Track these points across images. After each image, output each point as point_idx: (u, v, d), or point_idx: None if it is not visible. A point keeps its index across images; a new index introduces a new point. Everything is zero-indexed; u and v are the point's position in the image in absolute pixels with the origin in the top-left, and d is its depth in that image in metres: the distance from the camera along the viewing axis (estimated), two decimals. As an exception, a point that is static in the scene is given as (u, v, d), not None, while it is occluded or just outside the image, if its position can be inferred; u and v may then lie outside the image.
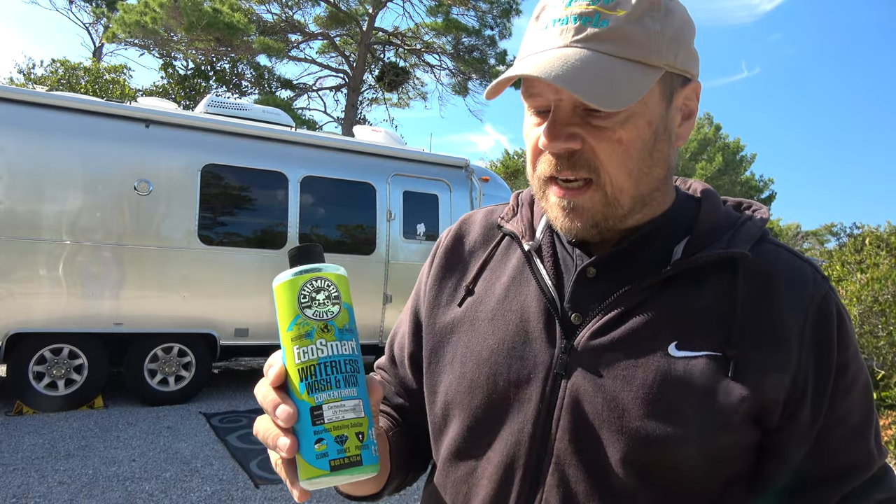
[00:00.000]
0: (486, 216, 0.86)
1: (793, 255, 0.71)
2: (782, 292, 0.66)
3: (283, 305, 0.57)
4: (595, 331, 0.67)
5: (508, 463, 0.69)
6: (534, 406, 0.68)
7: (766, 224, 0.72)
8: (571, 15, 0.63)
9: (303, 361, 0.54)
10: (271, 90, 18.24)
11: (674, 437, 0.62)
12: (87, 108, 5.47)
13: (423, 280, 0.86)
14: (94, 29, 21.89)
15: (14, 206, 5.04)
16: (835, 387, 0.65)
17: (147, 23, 13.64)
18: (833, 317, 0.66)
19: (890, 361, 5.89)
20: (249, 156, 6.06)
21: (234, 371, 7.67)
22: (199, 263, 5.74)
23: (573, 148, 0.64)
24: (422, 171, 7.00)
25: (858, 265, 6.24)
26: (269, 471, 4.09)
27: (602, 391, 0.65)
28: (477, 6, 16.97)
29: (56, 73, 16.18)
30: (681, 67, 0.66)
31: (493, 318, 0.74)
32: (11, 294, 5.06)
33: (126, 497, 3.54)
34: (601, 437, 0.65)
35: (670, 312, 0.66)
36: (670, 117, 0.68)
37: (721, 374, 0.63)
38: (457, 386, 0.74)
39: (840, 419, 0.65)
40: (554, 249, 0.75)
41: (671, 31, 0.65)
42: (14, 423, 4.82)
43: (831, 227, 39.09)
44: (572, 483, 0.65)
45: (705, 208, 0.72)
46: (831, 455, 0.66)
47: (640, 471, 0.63)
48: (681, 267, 0.67)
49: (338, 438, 0.53)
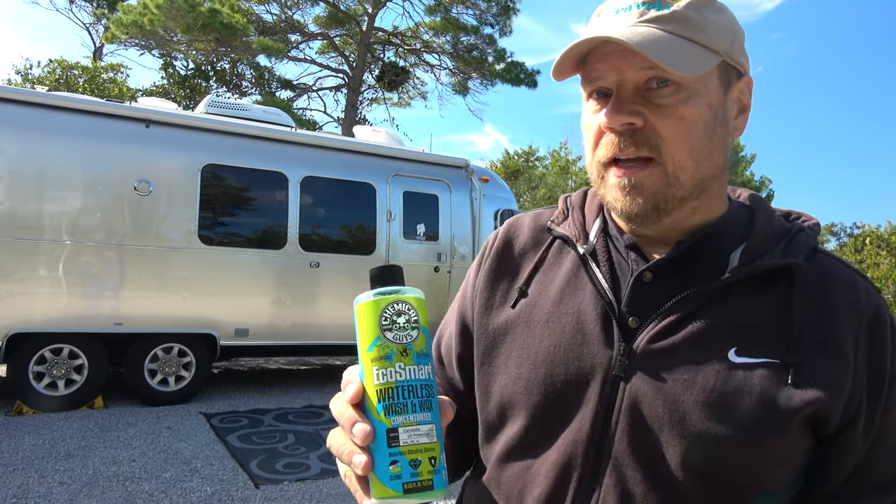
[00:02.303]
0: (533, 219, 0.86)
1: (845, 266, 0.72)
2: (838, 303, 0.67)
3: (364, 325, 0.58)
4: (654, 335, 0.68)
5: (566, 462, 0.69)
6: (592, 407, 0.69)
7: (818, 234, 0.73)
8: (636, 2, 0.66)
9: (381, 383, 0.56)
10: (271, 90, 18.24)
11: (733, 440, 0.63)
12: (88, 108, 5.48)
13: (470, 282, 0.86)
14: (95, 29, 21.90)
15: (14, 206, 5.05)
16: (889, 395, 0.65)
17: (145, 24, 13.64)
18: (886, 327, 0.67)
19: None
20: (249, 156, 6.07)
21: (234, 371, 7.67)
22: (199, 263, 5.75)
23: (636, 124, 0.65)
24: (422, 171, 7.00)
25: (859, 265, 6.24)
26: (269, 471, 4.10)
27: (662, 394, 0.66)
28: (476, 4, 16.97)
29: (53, 72, 16.17)
30: (736, 59, 0.68)
31: (548, 320, 0.75)
32: (11, 294, 5.06)
33: (126, 497, 3.54)
34: (661, 439, 0.65)
35: (729, 319, 0.67)
36: (728, 106, 0.69)
37: (781, 381, 0.64)
38: (513, 386, 0.75)
39: (891, 433, 0.66)
40: (609, 254, 0.75)
41: (726, 24, 0.68)
42: (14, 423, 4.82)
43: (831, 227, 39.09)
44: (630, 484, 0.66)
45: (759, 216, 0.73)
46: (883, 464, 0.66)
47: (700, 474, 0.64)
48: (739, 274, 0.67)
49: (412, 462, 0.55)
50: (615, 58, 0.65)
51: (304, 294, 6.24)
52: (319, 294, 6.32)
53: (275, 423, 5.27)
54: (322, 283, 6.31)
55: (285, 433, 4.96)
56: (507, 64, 17.22)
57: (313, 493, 3.77)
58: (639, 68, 0.65)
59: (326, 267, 6.33)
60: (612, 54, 0.66)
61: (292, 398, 6.20)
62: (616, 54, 0.65)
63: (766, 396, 0.63)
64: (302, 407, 5.84)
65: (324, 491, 3.78)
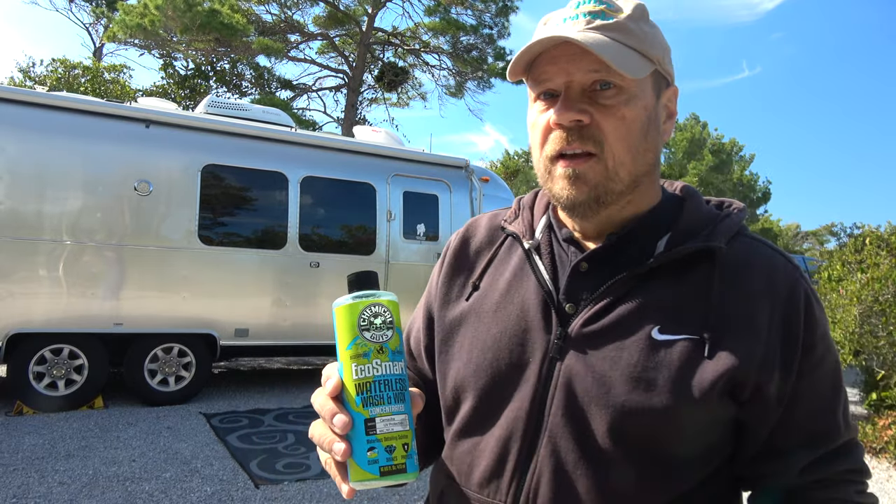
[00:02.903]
0: (490, 219, 0.94)
1: (766, 246, 0.78)
2: (755, 280, 0.73)
3: (342, 326, 0.63)
4: (587, 319, 0.75)
5: (507, 437, 0.76)
6: (531, 386, 0.76)
7: (742, 220, 0.80)
8: (582, 12, 0.73)
9: (360, 378, 0.61)
10: (271, 90, 18.24)
11: (653, 409, 0.69)
12: (87, 108, 5.48)
13: (434, 279, 0.94)
14: (95, 29, 21.90)
15: (14, 206, 5.05)
16: (802, 363, 0.71)
17: (147, 24, 13.64)
18: (801, 302, 0.73)
19: (890, 361, 5.88)
20: (249, 156, 6.07)
21: (234, 371, 7.67)
22: (199, 263, 5.75)
23: (583, 121, 0.71)
24: (422, 171, 7.00)
25: (859, 265, 6.23)
26: (269, 471, 4.10)
27: (592, 371, 0.73)
28: (474, 5, 16.97)
29: (56, 72, 16.17)
30: (666, 70, 0.76)
31: (496, 310, 0.82)
32: (12, 294, 5.06)
33: (126, 497, 3.54)
34: (590, 411, 0.72)
35: (654, 301, 0.73)
36: (659, 111, 0.77)
37: (699, 354, 0.70)
38: (465, 370, 0.82)
39: (807, 393, 0.72)
40: (551, 247, 0.83)
41: (659, 38, 0.76)
42: (14, 423, 4.82)
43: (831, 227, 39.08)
44: (563, 453, 0.72)
45: (687, 206, 0.80)
46: (799, 425, 0.73)
47: (624, 441, 0.70)
48: (663, 259, 0.74)
49: (387, 448, 0.60)
50: (564, 61, 0.72)
51: (304, 294, 6.24)
52: (319, 294, 6.31)
53: (275, 423, 5.27)
54: (322, 283, 6.31)
55: (285, 433, 4.96)
56: (506, 63, 17.22)
57: (313, 493, 3.77)
58: (586, 71, 0.71)
59: (326, 267, 6.33)
60: (561, 58, 0.72)
61: (292, 398, 6.20)
62: (565, 58, 0.71)
63: (684, 369, 0.69)
64: (302, 407, 5.84)
65: (324, 491, 3.78)
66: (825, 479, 0.74)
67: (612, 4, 0.73)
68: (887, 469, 5.06)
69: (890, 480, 4.79)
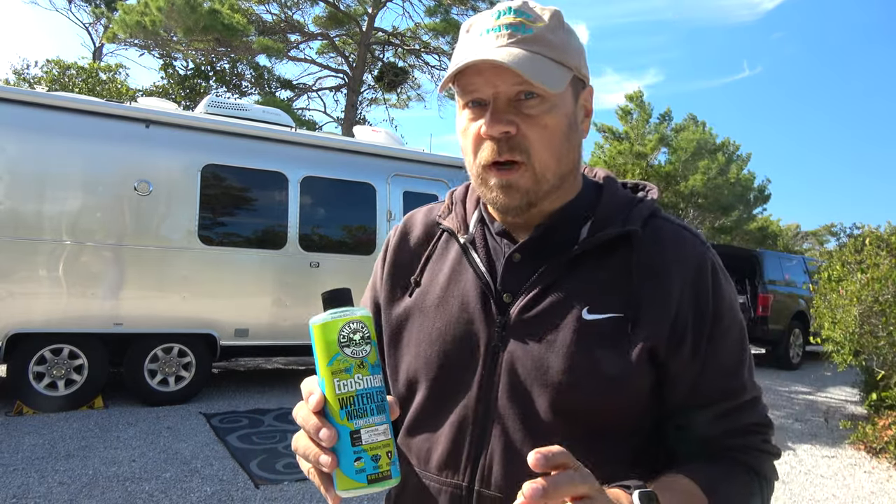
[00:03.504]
0: (425, 214, 0.99)
1: (677, 225, 0.85)
2: (668, 257, 0.80)
3: (322, 342, 0.65)
4: (522, 307, 0.81)
5: (460, 422, 0.82)
6: (478, 374, 0.81)
7: (655, 202, 0.87)
8: (502, 24, 0.77)
9: (343, 392, 0.64)
10: (271, 90, 18.24)
11: (587, 385, 0.76)
12: (88, 108, 5.48)
13: (377, 274, 0.99)
14: (94, 29, 21.90)
15: (14, 206, 5.05)
16: (712, 330, 0.79)
17: (147, 24, 13.64)
18: (708, 274, 0.81)
19: (890, 361, 5.88)
20: (249, 156, 6.07)
21: (234, 371, 7.67)
22: (199, 263, 5.75)
23: (511, 132, 0.76)
24: (422, 171, 7.00)
25: (859, 265, 6.23)
26: (269, 471, 4.10)
27: (531, 355, 0.79)
28: (476, 6, 16.97)
29: (50, 73, 16.15)
30: (582, 74, 0.82)
31: (438, 305, 0.87)
32: (11, 294, 5.06)
33: (126, 497, 3.54)
34: (532, 392, 0.78)
35: (582, 284, 0.80)
36: (577, 113, 0.83)
37: (623, 330, 0.77)
38: (415, 363, 0.87)
39: (716, 357, 0.80)
40: (486, 241, 0.88)
41: (575, 44, 0.81)
42: (14, 423, 4.82)
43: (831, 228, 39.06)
44: (511, 432, 0.78)
45: (605, 193, 0.87)
46: (709, 384, 0.80)
47: (565, 416, 0.76)
48: (586, 245, 0.81)
49: (373, 457, 0.63)
50: (490, 73, 0.76)
51: (304, 294, 6.24)
52: (319, 294, 6.28)
53: (275, 423, 5.27)
54: (322, 283, 6.30)
55: (285, 433, 4.96)
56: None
57: (313, 493, 3.77)
58: (511, 83, 0.76)
59: (326, 267, 6.33)
60: (488, 70, 0.76)
61: (292, 398, 6.20)
62: (491, 70, 0.76)
63: (612, 345, 0.76)
64: (302, 407, 5.83)
65: (324, 491, 3.78)
66: (734, 428, 0.81)
67: (531, 14, 0.78)
68: (887, 469, 5.06)
69: (890, 480, 4.79)
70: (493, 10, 0.80)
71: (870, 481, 4.74)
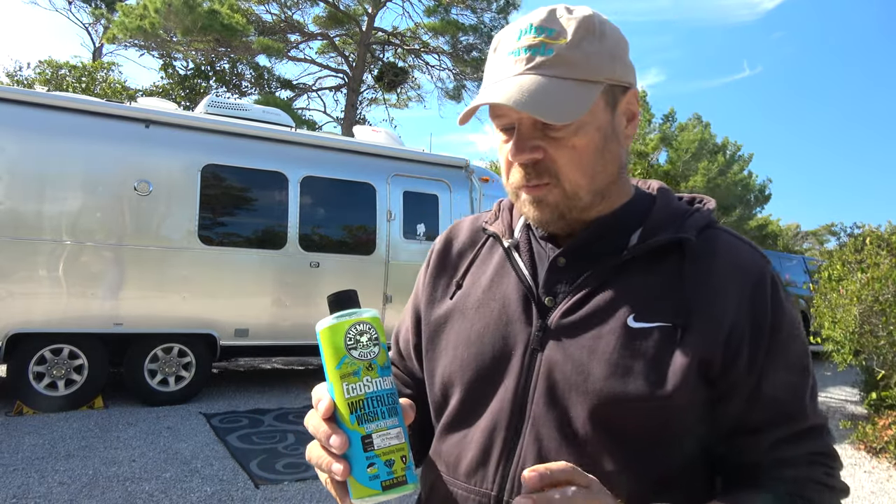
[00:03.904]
0: (472, 222, 0.98)
1: (735, 237, 0.82)
2: (723, 269, 0.77)
3: (329, 346, 0.64)
4: (565, 310, 0.78)
5: (492, 427, 0.79)
6: (514, 377, 0.79)
7: (712, 213, 0.84)
8: (522, 47, 0.75)
9: (352, 396, 0.62)
10: (271, 90, 18.23)
11: (629, 396, 0.72)
12: (87, 108, 5.48)
13: (420, 280, 0.98)
14: (94, 29, 21.88)
15: (14, 206, 5.04)
16: (769, 345, 0.74)
17: (147, 26, 13.64)
18: (767, 287, 0.76)
19: (890, 361, 5.88)
20: (249, 156, 6.07)
21: (234, 371, 7.67)
22: (199, 263, 5.75)
23: (536, 157, 0.75)
24: (422, 171, 7.00)
25: (859, 265, 6.23)
26: (269, 471, 4.10)
27: (571, 360, 0.76)
28: (475, 6, 16.97)
29: (43, 73, 16.13)
30: (619, 79, 0.78)
31: (479, 307, 0.86)
32: (11, 294, 5.06)
33: (126, 497, 3.54)
34: (570, 398, 0.75)
35: (628, 290, 0.77)
36: (616, 122, 0.79)
37: (671, 341, 0.73)
38: (450, 366, 0.85)
39: (774, 374, 0.74)
40: (530, 245, 0.87)
41: (607, 50, 0.76)
42: (14, 423, 4.82)
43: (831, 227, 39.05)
44: (545, 440, 0.75)
45: (659, 202, 0.84)
46: (765, 403, 0.74)
47: (603, 426, 0.73)
48: (636, 251, 0.78)
49: (387, 462, 0.61)
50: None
51: (304, 294, 6.24)
52: (319, 294, 6.30)
53: (275, 423, 5.27)
54: (322, 283, 6.30)
55: (285, 433, 4.96)
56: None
57: (313, 493, 3.77)
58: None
59: (326, 267, 6.33)
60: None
61: (292, 398, 6.20)
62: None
63: (658, 356, 0.72)
64: (302, 407, 5.84)
65: (324, 491, 3.78)
66: (793, 457, 0.75)
67: (554, 29, 0.74)
68: (887, 469, 5.06)
69: (890, 480, 4.79)
70: (517, 26, 0.77)
71: (870, 481, 4.74)
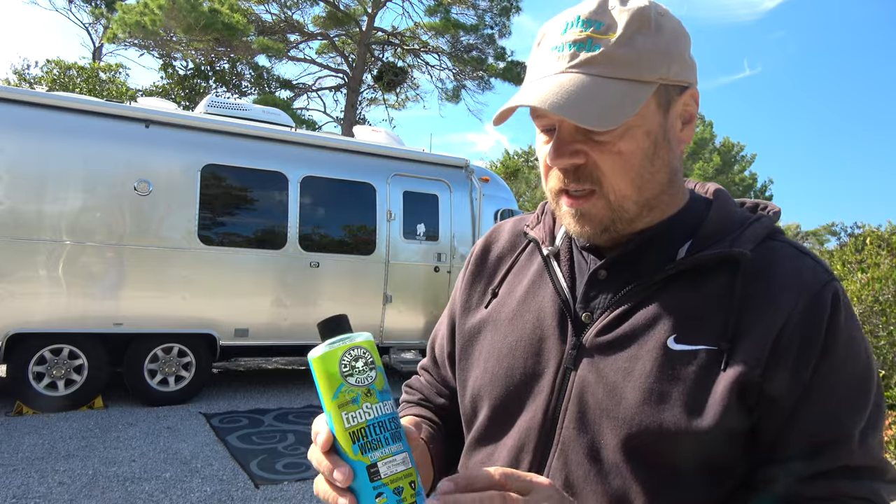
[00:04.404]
0: (514, 224, 0.93)
1: (798, 250, 0.72)
2: (779, 283, 0.68)
3: (324, 376, 0.60)
4: (602, 328, 0.72)
5: (519, 447, 0.75)
6: (544, 397, 0.74)
7: (773, 223, 0.75)
8: (566, 42, 0.68)
9: (353, 425, 0.59)
10: (271, 90, 18.23)
11: (664, 425, 0.65)
12: (87, 108, 5.48)
13: (458, 286, 0.94)
14: (94, 29, 21.89)
15: (14, 206, 5.04)
16: (817, 365, 0.65)
17: (147, 23, 13.65)
18: (827, 304, 0.67)
19: (890, 361, 5.88)
20: (249, 156, 6.07)
21: (234, 371, 7.67)
22: (199, 263, 5.74)
23: (577, 163, 0.69)
24: (422, 171, 7.00)
25: (859, 265, 6.23)
26: (269, 471, 4.09)
27: (604, 382, 0.70)
28: (476, 5, 16.97)
29: (51, 73, 16.14)
30: (675, 79, 0.69)
31: (513, 318, 0.81)
32: (11, 294, 5.06)
33: (126, 497, 3.54)
34: (601, 424, 0.69)
35: (671, 308, 0.70)
36: (669, 125, 0.71)
37: (716, 366, 0.65)
38: (481, 379, 0.81)
39: (819, 397, 0.65)
40: (571, 254, 0.80)
41: (662, 47, 0.68)
42: (14, 423, 4.82)
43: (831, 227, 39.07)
44: (573, 466, 0.70)
45: (714, 210, 0.75)
46: (803, 430, 0.66)
47: (635, 456, 0.67)
48: (682, 266, 0.70)
49: (395, 490, 0.58)
50: None
51: (304, 294, 6.24)
52: (319, 294, 6.31)
53: (275, 423, 5.27)
54: (322, 283, 6.31)
55: (285, 433, 4.96)
56: (507, 63, 17.23)
57: (313, 493, 3.77)
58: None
59: (326, 267, 6.32)
60: None
61: (292, 398, 6.20)
62: None
63: (699, 382, 0.65)
64: (302, 407, 5.84)
65: (324, 491, 3.79)
66: (827, 497, 0.65)
67: (602, 24, 0.67)
68: (887, 469, 5.06)
69: (890, 480, 4.79)
70: (563, 18, 0.69)
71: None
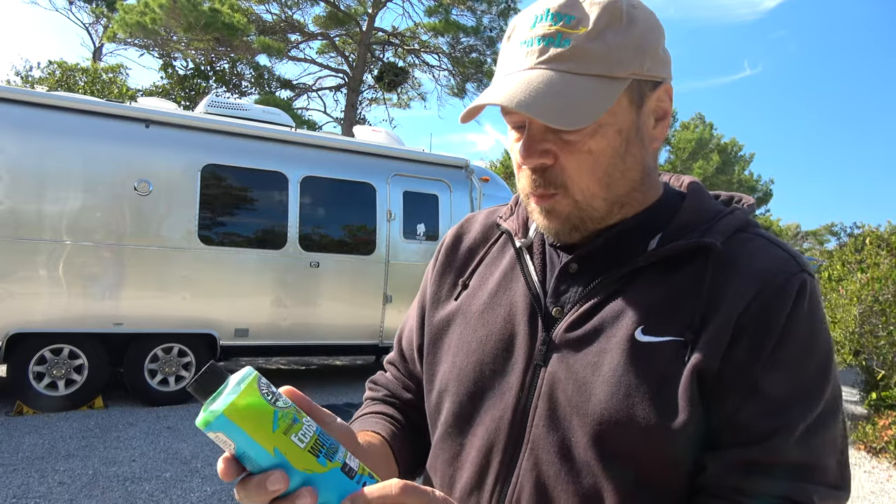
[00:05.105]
0: (487, 215, 0.90)
1: (770, 241, 0.70)
2: (744, 272, 0.66)
3: (251, 417, 0.55)
4: (571, 323, 0.71)
5: (488, 448, 0.72)
6: (514, 394, 0.72)
7: (748, 215, 0.74)
8: (535, 37, 0.66)
9: (308, 442, 0.57)
10: (271, 90, 18.23)
11: (633, 420, 0.64)
12: (87, 108, 5.48)
13: (427, 277, 0.91)
14: (94, 29, 21.89)
15: (14, 206, 5.04)
16: (770, 356, 0.63)
17: (147, 23, 13.65)
18: (790, 296, 0.64)
19: (890, 361, 5.88)
20: (249, 156, 6.07)
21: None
22: (199, 263, 5.75)
23: (546, 163, 0.68)
24: (422, 171, 7.00)
25: (859, 265, 6.23)
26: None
27: (573, 378, 0.68)
28: (475, 7, 16.98)
29: (53, 74, 16.14)
30: (648, 74, 0.68)
31: (483, 312, 0.79)
32: (11, 294, 5.06)
33: (126, 497, 3.54)
34: (571, 421, 0.67)
35: (640, 301, 0.68)
36: (642, 122, 0.70)
37: (681, 358, 0.64)
38: (448, 374, 0.79)
39: (766, 388, 0.63)
40: (543, 247, 0.79)
41: (635, 41, 0.66)
42: (14, 423, 4.82)
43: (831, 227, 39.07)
44: (544, 466, 0.68)
45: (687, 203, 0.74)
46: (738, 422, 0.63)
47: (605, 453, 0.65)
48: (652, 257, 0.69)
49: (369, 475, 0.59)
50: None
51: (304, 294, 6.24)
52: (319, 294, 6.31)
53: (275, 423, 5.27)
54: (322, 283, 6.31)
55: (285, 433, 4.96)
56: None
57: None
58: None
59: (326, 267, 6.33)
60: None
61: (292, 398, 6.19)
62: None
63: (667, 375, 0.64)
64: (302, 407, 5.83)
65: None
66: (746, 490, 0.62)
67: (572, 17, 0.65)
68: (887, 469, 5.06)
69: (890, 480, 4.79)
70: (533, 11, 0.67)
71: (870, 481, 4.74)
